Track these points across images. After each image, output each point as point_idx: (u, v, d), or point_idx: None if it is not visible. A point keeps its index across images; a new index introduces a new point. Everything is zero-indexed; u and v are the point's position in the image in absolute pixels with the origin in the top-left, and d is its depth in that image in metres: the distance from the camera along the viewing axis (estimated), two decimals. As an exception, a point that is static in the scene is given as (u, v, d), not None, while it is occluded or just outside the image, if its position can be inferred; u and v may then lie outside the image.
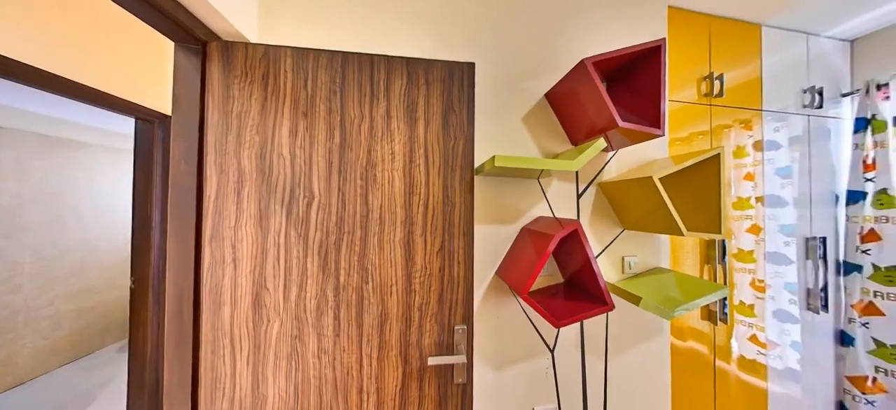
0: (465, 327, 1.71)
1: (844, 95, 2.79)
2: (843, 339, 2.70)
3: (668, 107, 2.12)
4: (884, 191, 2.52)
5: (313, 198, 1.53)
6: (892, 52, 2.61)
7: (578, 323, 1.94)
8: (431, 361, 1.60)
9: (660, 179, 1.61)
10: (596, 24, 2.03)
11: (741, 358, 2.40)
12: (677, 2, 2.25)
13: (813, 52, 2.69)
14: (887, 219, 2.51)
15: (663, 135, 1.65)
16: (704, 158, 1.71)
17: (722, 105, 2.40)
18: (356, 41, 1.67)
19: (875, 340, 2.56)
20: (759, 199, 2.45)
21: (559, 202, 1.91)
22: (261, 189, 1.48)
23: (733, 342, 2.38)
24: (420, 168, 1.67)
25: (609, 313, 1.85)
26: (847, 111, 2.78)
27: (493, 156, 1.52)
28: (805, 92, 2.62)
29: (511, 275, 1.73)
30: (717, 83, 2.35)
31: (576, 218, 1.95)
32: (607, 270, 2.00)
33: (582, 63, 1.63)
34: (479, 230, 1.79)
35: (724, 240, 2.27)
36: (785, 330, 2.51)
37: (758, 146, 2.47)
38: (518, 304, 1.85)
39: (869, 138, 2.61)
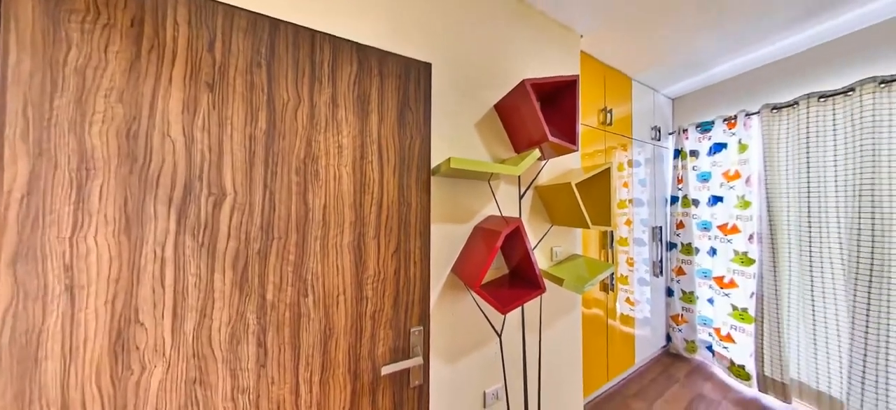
0: (422, 328, 0.87)
1: (669, 134, 2.30)
2: (669, 293, 2.23)
3: (580, 129, 1.39)
4: (686, 196, 2.19)
5: (224, 196, 0.58)
6: (689, 110, 2.34)
7: (520, 308, 1.16)
8: (386, 370, 0.81)
9: (575, 185, 1.09)
10: (533, 52, 1.34)
11: (621, 315, 1.79)
12: (586, 48, 1.54)
13: (656, 102, 2.19)
14: (687, 214, 2.19)
15: (577, 150, 1.11)
16: (601, 171, 1.21)
17: (611, 132, 1.78)
18: (290, 8, 0.72)
19: (683, 291, 2.22)
20: (629, 201, 1.88)
21: (506, 202, 1.13)
22: (129, 182, 0.51)
23: (617, 304, 1.75)
24: (373, 165, 0.78)
25: (543, 295, 1.28)
26: (671, 143, 2.27)
27: (449, 158, 0.73)
28: (652, 129, 2.10)
29: (465, 271, 0.95)
30: (609, 115, 1.69)
31: (518, 216, 1.17)
32: (541, 259, 1.27)
33: (523, 83, 1.00)
34: (435, 229, 0.97)
35: (612, 231, 1.62)
36: (643, 292, 1.96)
37: (629, 163, 1.89)
38: (471, 298, 1.06)
39: (680, 162, 2.25)
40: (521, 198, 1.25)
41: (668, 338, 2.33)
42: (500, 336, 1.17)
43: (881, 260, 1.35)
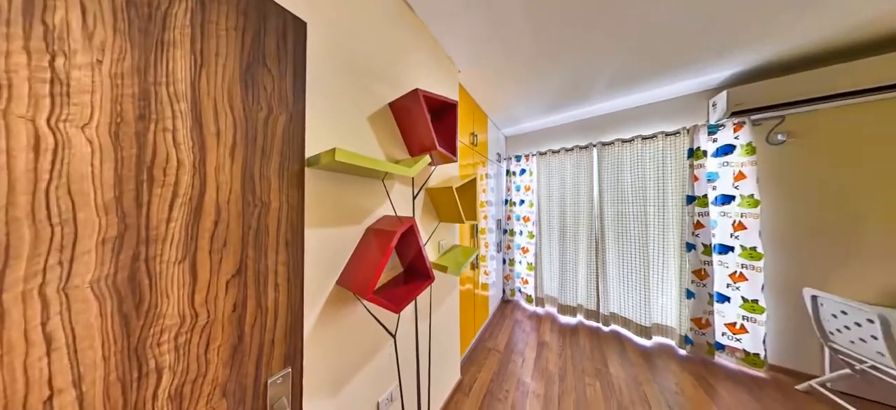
0: (289, 370, 0.49)
1: (505, 158, 2.93)
2: (504, 261, 2.77)
3: (458, 144, 1.44)
4: (510, 200, 2.94)
5: None
6: (513, 145, 3.06)
7: (414, 301, 1.01)
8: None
9: (455, 189, 1.11)
10: (425, 69, 1.28)
11: (482, 284, 2.06)
12: (462, 82, 1.62)
13: (498, 137, 2.72)
14: (511, 212, 2.93)
15: (456, 161, 1.12)
16: (471, 179, 1.29)
17: (477, 151, 2.00)
18: None
19: (510, 260, 2.85)
20: (486, 202, 2.20)
21: (400, 202, 0.93)
22: None
23: (480, 277, 1.98)
24: (182, 135, 0.31)
25: (432, 285, 1.22)
26: (504, 165, 2.93)
27: (334, 149, 0.40)
28: (496, 153, 2.59)
29: (356, 279, 0.68)
30: (475, 138, 1.89)
31: (412, 215, 1.00)
32: (431, 253, 1.20)
33: (416, 91, 0.89)
34: (313, 235, 0.68)
35: (477, 224, 1.80)
36: (492, 264, 2.41)
37: (486, 176, 2.25)
38: (362, 308, 0.75)
39: (509, 179, 2.99)
40: (414, 198, 1.09)
41: (504, 291, 2.94)
42: (394, 336, 0.95)
43: (599, 236, 2.29)
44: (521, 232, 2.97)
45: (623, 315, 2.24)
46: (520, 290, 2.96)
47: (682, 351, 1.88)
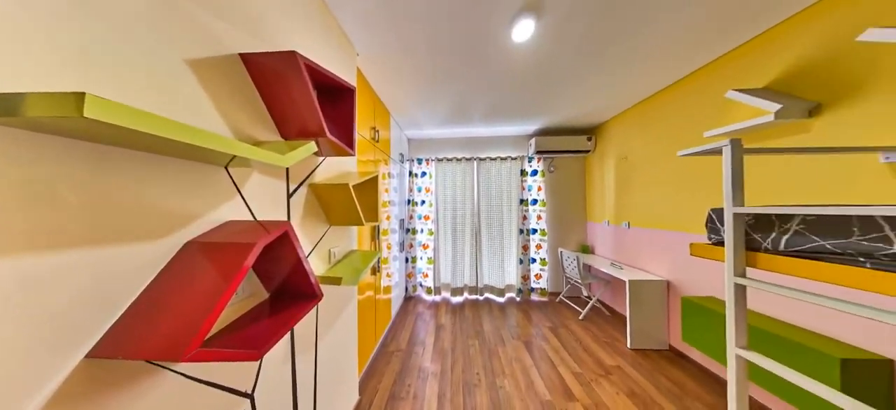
0: None
1: (407, 160, 2.97)
2: (407, 260, 2.84)
3: (357, 136, 1.30)
4: (413, 200, 3.05)
5: None
6: (415, 148, 3.19)
7: (290, 333, 0.76)
8: None
9: (353, 187, 0.96)
10: (311, 34, 0.99)
11: (384, 287, 1.94)
12: (363, 69, 1.46)
13: (401, 137, 2.72)
14: (413, 212, 3.06)
15: (354, 155, 0.98)
16: (372, 177, 1.20)
17: (379, 148, 1.86)
18: None
19: (411, 257, 2.94)
20: (389, 202, 2.14)
21: (262, 201, 0.66)
22: None
23: (382, 280, 1.87)
24: None
25: (320, 304, 0.99)
26: (407, 166, 3.00)
27: (82, 95, 0.17)
28: (400, 154, 2.56)
29: (156, 334, 0.37)
30: (377, 134, 1.76)
31: (286, 219, 0.75)
32: (318, 264, 0.95)
33: (294, 54, 0.65)
34: (13, 268, 0.25)
35: (378, 225, 1.70)
36: (395, 265, 2.36)
37: (389, 175, 2.17)
38: (174, 377, 0.43)
39: (411, 180, 3.09)
40: (290, 196, 0.81)
41: (406, 289, 2.95)
42: (252, 394, 0.66)
43: (477, 228, 2.76)
44: (422, 231, 3.12)
45: (491, 284, 3.01)
46: (421, 285, 3.10)
47: (518, 299, 2.92)
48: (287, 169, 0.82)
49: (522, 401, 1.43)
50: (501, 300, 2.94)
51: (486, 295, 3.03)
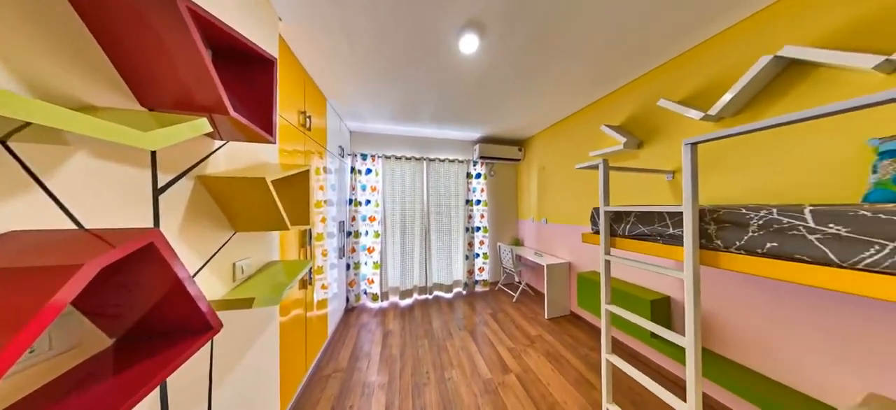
0: None
1: (349, 154, 2.70)
2: (347, 267, 2.58)
3: (278, 119, 1.08)
4: (356, 199, 2.75)
5: None
6: (359, 142, 2.89)
7: (160, 388, 0.54)
8: None
9: (273, 182, 0.75)
10: None
11: (318, 302, 1.68)
12: (288, 40, 1.22)
13: (341, 128, 2.46)
14: (357, 212, 2.74)
15: (274, 142, 0.79)
16: (301, 171, 0.98)
17: (311, 137, 1.60)
18: None
19: (354, 263, 2.74)
20: (325, 202, 1.84)
21: (101, 199, 0.44)
22: None
23: (314, 294, 1.61)
24: None
25: (218, 337, 0.75)
26: (349, 162, 2.73)
27: None
28: (339, 147, 2.30)
29: None
30: (308, 120, 1.51)
31: (153, 225, 0.52)
32: (214, 285, 0.71)
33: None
34: None
35: (310, 229, 1.46)
36: (333, 274, 2.07)
37: (325, 169, 1.88)
38: None
39: (353, 177, 2.78)
40: (160, 191, 0.57)
41: (347, 299, 2.64)
42: None
43: (427, 228, 2.75)
44: (366, 233, 2.87)
45: (439, 282, 3.07)
46: (366, 292, 2.84)
47: (464, 292, 3.10)
48: (153, 152, 0.57)
49: (468, 386, 1.52)
50: (449, 295, 3.04)
51: (436, 293, 3.07)
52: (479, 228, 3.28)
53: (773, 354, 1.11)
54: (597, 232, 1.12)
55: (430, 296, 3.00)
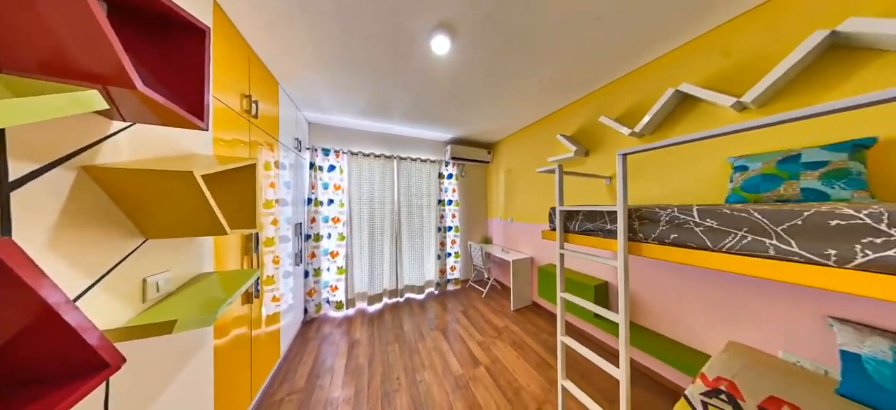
0: None
1: (307, 148, 2.44)
2: (306, 275, 2.34)
3: (211, 101, 0.92)
4: (317, 199, 2.50)
5: None
6: (319, 135, 2.62)
7: None
8: None
9: (201, 177, 0.60)
10: None
11: (267, 317, 1.47)
12: (227, 10, 1.04)
13: (298, 118, 2.19)
14: (317, 212, 2.49)
15: (207, 129, 0.66)
16: (244, 166, 0.86)
17: (258, 126, 1.38)
18: None
19: (314, 269, 2.49)
20: (276, 201, 1.61)
21: None
22: None
23: (263, 308, 1.40)
24: None
25: (119, 375, 0.58)
26: (308, 156, 2.44)
27: None
28: (295, 139, 2.05)
29: None
30: (255, 106, 1.31)
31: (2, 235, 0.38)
32: (113, 308, 0.55)
33: None
34: None
35: (257, 233, 1.28)
36: (287, 283, 1.81)
37: (277, 164, 1.64)
38: None
39: (313, 173, 2.51)
40: (12, 186, 0.41)
41: (306, 311, 2.37)
42: None
43: (398, 229, 2.76)
44: (329, 236, 2.62)
45: (411, 284, 3.00)
46: (328, 301, 2.60)
47: (436, 292, 3.11)
48: (1, 131, 0.41)
49: (440, 385, 1.52)
50: (421, 296, 3.00)
51: (407, 295, 2.98)
52: (450, 228, 3.32)
53: (676, 321, 1.43)
54: (553, 230, 1.24)
55: (402, 299, 2.90)
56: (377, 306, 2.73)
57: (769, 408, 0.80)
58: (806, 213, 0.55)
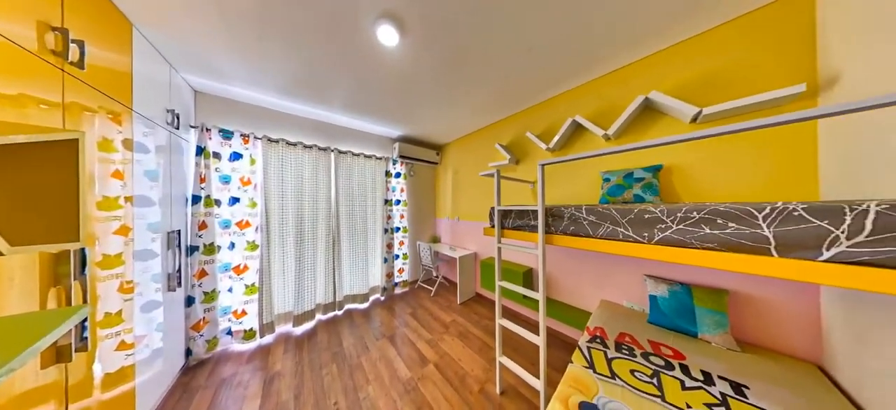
0: None
1: (192, 127, 1.81)
2: (189, 302, 1.74)
3: None
4: (209, 196, 1.87)
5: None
6: (213, 112, 1.98)
7: None
8: None
9: None
10: None
11: (106, 377, 0.99)
12: None
13: (174, 82, 1.58)
14: (210, 214, 1.87)
15: None
16: (54, 140, 0.52)
17: (84, 80, 0.90)
18: None
19: (205, 293, 1.84)
20: (128, 199, 1.12)
21: None
22: None
23: (97, 364, 0.94)
24: None
25: None
26: (194, 138, 1.80)
27: None
28: (168, 112, 1.48)
29: None
30: (75, 48, 0.86)
31: None
32: None
33: None
34: None
35: (84, 249, 0.86)
36: (151, 318, 1.29)
37: (128, 145, 1.13)
38: None
39: (203, 161, 1.84)
40: None
41: (189, 352, 1.72)
42: None
43: (337, 232, 2.40)
44: (233, 246, 2.00)
45: (353, 293, 2.68)
46: (230, 332, 1.98)
47: (382, 298, 2.90)
48: None
49: (387, 396, 1.43)
50: (365, 305, 2.72)
51: (348, 306, 2.64)
52: (398, 228, 3.17)
53: (574, 292, 1.90)
54: (493, 227, 1.40)
55: (341, 312, 2.54)
56: (308, 325, 2.28)
57: (620, 340, 1.18)
58: (635, 211, 0.83)
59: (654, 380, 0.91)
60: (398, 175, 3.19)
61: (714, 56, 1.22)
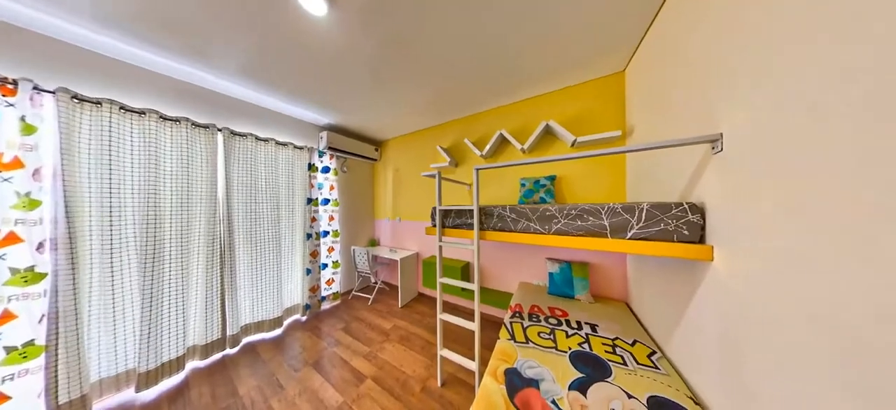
0: None
1: None
2: None
3: None
4: None
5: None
6: None
7: None
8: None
9: None
10: None
11: None
12: None
13: None
14: None
15: None
16: None
17: None
18: None
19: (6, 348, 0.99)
20: None
21: None
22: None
23: None
24: None
25: None
26: None
27: None
28: None
29: None
30: None
31: None
32: None
33: None
34: None
35: None
36: None
37: None
38: None
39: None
40: None
41: None
42: None
43: (227, 243, 1.82)
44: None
45: (257, 320, 2.08)
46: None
47: (304, 318, 2.40)
48: None
49: None
50: (278, 332, 2.17)
51: (248, 339, 2.03)
52: (327, 232, 2.70)
53: (501, 278, 2.27)
54: (435, 226, 1.48)
55: (235, 350, 1.91)
56: (169, 382, 1.57)
57: (532, 311, 1.52)
58: (540, 209, 1.09)
59: (551, 336, 1.23)
60: (327, 169, 2.73)
61: (583, 101, 1.79)
